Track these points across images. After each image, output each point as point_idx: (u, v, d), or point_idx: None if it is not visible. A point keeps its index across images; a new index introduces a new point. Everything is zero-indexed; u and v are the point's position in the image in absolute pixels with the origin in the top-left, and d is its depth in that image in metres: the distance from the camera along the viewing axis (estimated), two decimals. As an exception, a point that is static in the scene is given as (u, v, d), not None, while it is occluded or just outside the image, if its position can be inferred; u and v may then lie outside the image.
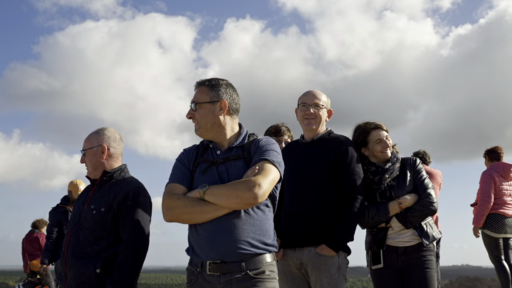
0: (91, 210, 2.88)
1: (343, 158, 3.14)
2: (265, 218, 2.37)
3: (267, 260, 2.33)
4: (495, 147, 6.60)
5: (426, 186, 3.35)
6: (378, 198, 3.33)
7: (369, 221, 3.28)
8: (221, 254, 2.28)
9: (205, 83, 2.47)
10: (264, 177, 2.25)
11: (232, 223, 2.29)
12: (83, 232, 2.85)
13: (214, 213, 2.28)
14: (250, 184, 2.22)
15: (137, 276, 2.85)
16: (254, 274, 2.27)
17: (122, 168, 3.03)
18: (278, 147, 2.45)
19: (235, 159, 2.40)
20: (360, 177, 3.16)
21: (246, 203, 2.24)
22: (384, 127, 3.47)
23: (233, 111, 2.49)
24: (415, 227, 3.30)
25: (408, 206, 3.29)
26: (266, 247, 2.34)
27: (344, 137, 3.26)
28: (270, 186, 2.28)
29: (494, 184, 6.20)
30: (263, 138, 2.48)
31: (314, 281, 3.06)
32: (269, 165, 2.31)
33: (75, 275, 2.79)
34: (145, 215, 2.89)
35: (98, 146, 2.98)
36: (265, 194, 2.25)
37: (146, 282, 70.18)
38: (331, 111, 3.33)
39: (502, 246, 6.12)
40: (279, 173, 2.35)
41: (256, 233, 2.31)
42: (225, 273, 2.27)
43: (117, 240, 2.85)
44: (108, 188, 2.92)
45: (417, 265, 3.28)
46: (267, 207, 2.39)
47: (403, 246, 3.31)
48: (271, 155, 2.36)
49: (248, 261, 2.28)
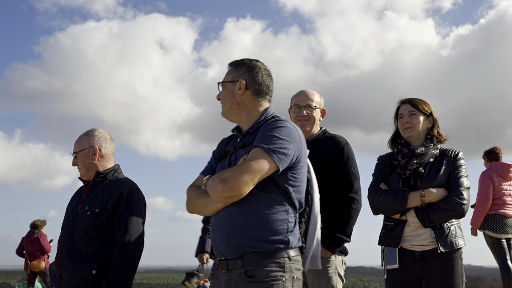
0: (85, 211, 2.87)
1: (339, 158, 3.10)
2: (268, 212, 2.09)
3: (270, 258, 2.07)
4: (494, 147, 6.58)
5: (461, 184, 2.89)
6: (401, 185, 2.96)
7: (383, 207, 2.95)
8: (220, 251, 2.16)
9: (231, 64, 2.35)
10: (238, 168, 2.04)
11: (227, 217, 2.13)
12: (78, 234, 2.84)
13: (213, 205, 2.15)
14: (220, 176, 2.05)
15: (132, 276, 2.84)
16: (250, 275, 2.06)
17: (115, 168, 3.02)
18: (286, 131, 2.14)
19: (243, 147, 2.22)
20: (357, 177, 3.12)
21: (219, 196, 2.07)
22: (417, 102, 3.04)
23: (257, 92, 2.28)
24: (434, 228, 2.87)
25: (431, 201, 2.87)
26: (268, 244, 2.08)
27: (340, 136, 3.22)
28: (251, 176, 2.02)
29: (493, 184, 6.18)
30: (271, 121, 2.21)
31: (311, 282, 3.04)
32: (257, 153, 2.06)
33: (71, 277, 2.78)
34: (139, 215, 2.88)
35: (89, 148, 2.96)
36: (238, 187, 2.01)
37: (147, 282, 70.20)
38: (324, 110, 3.28)
39: (505, 246, 6.10)
40: (272, 161, 2.05)
41: (254, 229, 2.09)
42: (228, 270, 2.12)
43: (112, 241, 2.84)
44: (102, 189, 2.91)
45: (438, 272, 2.85)
46: (273, 200, 2.11)
47: (420, 250, 2.89)
48: (268, 140, 2.09)
49: (246, 258, 2.08)
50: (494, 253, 6.18)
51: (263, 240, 2.08)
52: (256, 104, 2.30)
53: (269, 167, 2.06)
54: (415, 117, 3.03)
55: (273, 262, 2.07)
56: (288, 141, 2.11)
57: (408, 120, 3.04)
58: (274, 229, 2.10)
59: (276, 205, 2.12)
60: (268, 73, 2.34)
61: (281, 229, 2.11)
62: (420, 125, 3.03)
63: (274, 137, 2.10)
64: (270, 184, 2.11)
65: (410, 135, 3.04)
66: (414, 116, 3.04)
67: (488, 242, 6.20)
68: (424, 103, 3.08)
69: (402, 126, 3.07)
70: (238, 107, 2.29)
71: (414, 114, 3.04)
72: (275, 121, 2.19)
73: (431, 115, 3.08)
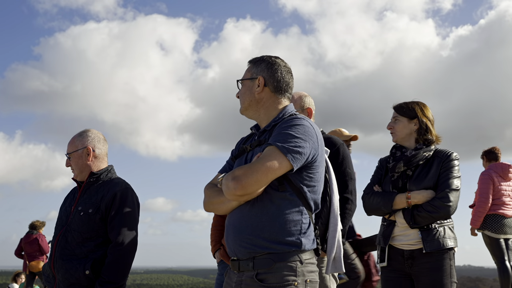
0: (79, 211, 2.86)
1: (334, 159, 3.09)
2: (281, 212, 2.03)
3: (282, 260, 2.01)
4: (493, 147, 6.57)
5: (448, 186, 2.92)
6: (391, 187, 3.04)
7: (372, 208, 3.04)
8: (232, 251, 2.12)
9: (251, 61, 2.31)
10: (250, 167, 1.98)
11: (239, 217, 2.09)
12: (71, 234, 2.84)
13: (228, 204, 2.11)
14: (232, 174, 2.00)
15: (126, 276, 2.83)
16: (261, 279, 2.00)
17: (109, 169, 3.01)
18: (302, 129, 2.06)
19: (259, 145, 2.17)
20: (352, 178, 3.12)
21: (230, 194, 2.02)
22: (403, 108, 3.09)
23: (276, 89, 2.23)
24: (421, 229, 2.93)
25: (417, 203, 2.94)
26: (280, 245, 2.01)
27: (335, 137, 3.22)
28: (263, 175, 1.97)
29: (493, 184, 6.16)
30: (288, 119, 2.14)
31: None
32: (270, 151, 2.01)
33: (64, 277, 2.78)
34: (133, 216, 2.88)
35: (83, 149, 2.96)
36: (249, 185, 1.97)
37: (148, 283, 70.18)
38: (309, 109, 3.21)
39: (504, 246, 6.08)
40: (286, 160, 1.99)
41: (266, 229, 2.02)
42: (240, 271, 2.08)
43: (106, 241, 2.83)
44: (96, 190, 2.91)
45: (427, 271, 2.91)
46: (287, 199, 2.05)
47: (409, 249, 2.97)
48: (282, 139, 2.02)
49: (257, 260, 2.02)
50: (492, 254, 6.17)
51: (275, 241, 2.02)
52: (275, 102, 2.24)
53: (282, 166, 2.00)
54: (398, 122, 3.11)
55: (285, 265, 2.01)
56: (303, 140, 2.04)
57: (391, 126, 3.13)
58: (286, 230, 2.03)
59: (289, 205, 2.05)
60: (288, 70, 2.28)
61: (293, 230, 2.04)
62: (403, 129, 3.09)
63: (289, 135, 2.03)
64: (285, 183, 2.05)
65: (394, 139, 3.14)
66: (397, 122, 3.12)
67: (487, 242, 6.19)
68: (412, 105, 3.10)
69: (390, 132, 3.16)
70: (256, 104, 2.24)
71: (397, 120, 3.12)
72: (291, 119, 2.13)
73: (416, 117, 3.08)
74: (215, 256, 4.11)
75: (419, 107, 3.11)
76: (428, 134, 3.08)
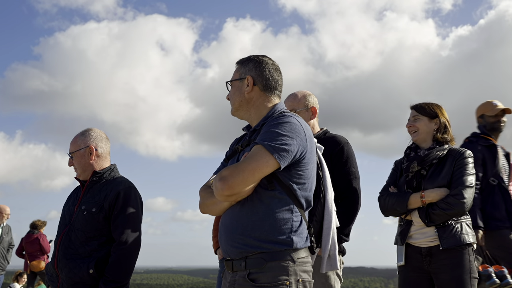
0: (82, 210, 2.85)
1: (338, 158, 3.09)
2: (271, 211, 2.02)
3: (274, 259, 2.00)
4: None
5: (461, 183, 2.94)
6: (405, 187, 3.08)
7: (387, 208, 3.08)
8: (225, 251, 2.12)
9: (238, 62, 2.30)
10: (237, 167, 1.98)
11: (230, 217, 2.09)
12: (75, 233, 2.83)
13: (221, 204, 2.11)
14: (220, 174, 1.99)
15: (129, 275, 2.83)
16: (252, 278, 1.99)
17: (112, 168, 3.01)
18: (289, 127, 2.05)
19: (248, 145, 2.16)
20: (356, 177, 3.11)
21: (219, 195, 2.01)
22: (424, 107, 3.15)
23: (265, 87, 2.22)
24: (438, 226, 2.95)
25: (431, 202, 2.96)
26: (271, 244, 2.00)
27: (340, 136, 3.20)
28: (250, 175, 1.96)
29: None
30: (275, 117, 2.13)
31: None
32: (257, 151, 1.99)
33: (68, 276, 2.77)
34: (136, 215, 2.87)
35: (85, 148, 2.95)
36: (236, 185, 1.96)
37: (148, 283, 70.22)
38: (314, 108, 3.21)
39: None
40: (272, 158, 1.98)
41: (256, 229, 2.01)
42: (234, 271, 2.07)
43: (109, 240, 2.83)
44: (99, 189, 2.90)
45: (446, 268, 2.91)
46: (276, 198, 2.03)
47: (426, 246, 2.99)
48: (269, 136, 2.01)
49: (249, 260, 2.01)
50: None
51: (266, 240, 2.01)
52: (265, 100, 2.23)
53: (269, 164, 1.98)
54: (419, 121, 3.17)
55: (276, 265, 1.99)
56: (290, 137, 2.03)
57: (412, 124, 3.19)
58: (277, 229, 2.01)
59: (279, 203, 2.04)
60: (276, 68, 2.27)
61: (284, 229, 2.02)
62: (424, 128, 3.15)
63: (275, 133, 2.02)
64: (274, 182, 2.03)
65: (415, 138, 3.18)
66: (417, 120, 3.18)
67: None
68: (432, 106, 3.19)
69: (409, 131, 3.22)
70: (247, 104, 2.23)
71: (417, 118, 3.18)
72: (279, 116, 2.12)
73: (437, 116, 3.16)
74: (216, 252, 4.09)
75: (439, 107, 3.20)
76: (446, 134, 3.16)
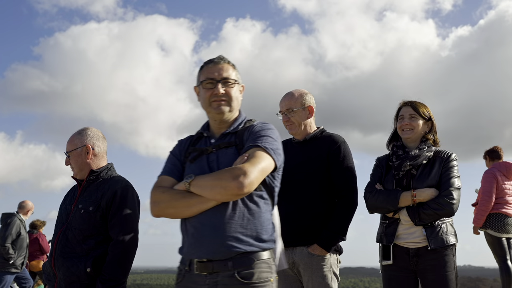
0: (79, 209, 2.86)
1: (335, 156, 3.09)
2: (259, 211, 2.12)
3: (260, 258, 2.09)
4: (495, 147, 6.58)
5: (451, 185, 3.00)
6: (394, 185, 3.09)
7: (377, 206, 3.08)
8: (207, 252, 2.08)
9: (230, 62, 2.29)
10: (252, 165, 2.03)
11: (219, 217, 2.08)
12: (72, 232, 2.83)
13: (200, 206, 2.08)
14: (235, 172, 2.01)
15: (127, 274, 2.83)
16: (242, 276, 2.04)
17: (109, 167, 3.01)
18: (276, 133, 2.22)
19: (227, 147, 2.20)
20: (353, 175, 3.13)
21: (231, 194, 2.02)
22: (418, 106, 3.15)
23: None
24: (425, 226, 2.99)
25: (422, 201, 2.99)
26: (259, 243, 2.10)
27: (337, 135, 3.21)
28: (261, 174, 2.06)
29: (497, 183, 6.15)
30: (258, 123, 2.25)
31: (307, 280, 3.03)
32: (260, 152, 2.08)
33: (65, 275, 2.77)
34: (133, 213, 2.88)
35: (82, 147, 2.96)
36: (253, 184, 2.02)
37: (148, 283, 70.22)
38: (311, 107, 3.21)
39: (506, 245, 6.07)
40: (273, 160, 2.11)
41: (246, 228, 2.08)
42: (212, 272, 2.07)
43: (106, 239, 2.83)
44: (96, 187, 2.91)
45: (433, 268, 2.97)
46: (262, 199, 2.15)
47: (414, 247, 3.02)
48: (265, 141, 2.13)
49: (236, 259, 2.06)
50: (494, 253, 6.16)
51: (257, 239, 2.09)
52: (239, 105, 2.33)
53: (271, 165, 2.12)
54: (415, 120, 3.16)
55: (263, 263, 2.09)
56: (279, 143, 2.20)
57: (408, 122, 3.16)
58: (265, 228, 2.13)
59: (265, 204, 2.16)
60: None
61: (269, 229, 2.16)
62: (419, 128, 3.16)
63: (270, 137, 2.15)
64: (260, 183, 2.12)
65: (408, 136, 3.16)
66: (414, 119, 3.16)
67: (489, 241, 6.18)
68: (425, 107, 3.21)
69: (401, 128, 3.19)
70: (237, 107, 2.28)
71: (414, 117, 3.16)
72: (264, 123, 2.25)
73: (430, 119, 3.20)
74: None
75: (429, 110, 3.23)
76: (435, 135, 3.21)
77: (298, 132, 3.18)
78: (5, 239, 7.60)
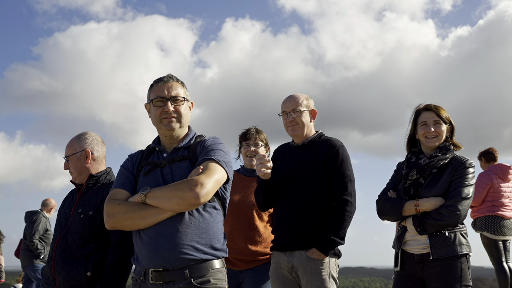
0: (79, 214, 2.87)
1: (333, 161, 3.11)
2: (212, 221, 2.26)
3: (215, 267, 2.22)
4: (490, 148, 6.56)
5: (456, 194, 2.90)
6: (403, 193, 3.07)
7: (384, 213, 3.09)
8: (163, 261, 2.16)
9: (178, 80, 2.43)
10: (208, 177, 2.15)
11: (174, 227, 2.18)
12: (71, 236, 2.85)
13: (156, 217, 2.16)
14: (192, 183, 2.12)
15: (126, 278, 2.84)
16: (198, 283, 2.16)
17: (108, 171, 3.03)
18: (227, 147, 2.38)
19: (180, 160, 2.31)
20: (352, 180, 3.13)
21: (188, 204, 2.12)
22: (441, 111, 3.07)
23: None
24: (430, 235, 2.93)
25: (425, 211, 2.94)
26: (214, 252, 2.24)
27: (335, 139, 3.22)
28: (215, 186, 2.19)
29: (492, 186, 6.15)
30: (209, 138, 2.39)
31: (305, 284, 3.04)
32: (214, 165, 2.22)
33: (65, 279, 2.79)
34: None
35: (81, 151, 2.97)
36: (209, 194, 2.15)
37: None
38: (314, 111, 3.26)
39: (502, 248, 6.09)
40: (225, 173, 2.26)
41: (201, 237, 2.21)
42: (168, 281, 2.15)
43: (106, 243, 2.84)
44: (95, 192, 2.92)
45: (437, 275, 2.91)
46: (215, 209, 2.29)
47: (419, 253, 2.99)
48: (217, 154, 2.27)
49: (192, 268, 2.16)
50: (490, 255, 6.17)
51: (211, 247, 2.24)
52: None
53: (224, 178, 2.26)
54: (440, 126, 3.07)
55: (218, 271, 2.24)
56: (230, 156, 2.36)
57: (433, 129, 3.06)
58: (217, 238, 2.28)
59: (218, 214, 2.31)
60: None
61: (221, 238, 2.31)
62: (443, 134, 3.08)
63: (221, 151, 2.31)
64: (213, 195, 2.25)
65: (434, 144, 3.06)
66: (438, 126, 3.07)
67: (485, 243, 6.19)
68: (445, 112, 3.12)
69: (425, 135, 3.08)
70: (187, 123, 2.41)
71: (438, 124, 3.07)
72: (215, 138, 2.41)
73: (451, 124, 3.13)
74: None
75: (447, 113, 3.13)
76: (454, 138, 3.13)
77: (300, 133, 3.20)
78: (32, 235, 7.88)
